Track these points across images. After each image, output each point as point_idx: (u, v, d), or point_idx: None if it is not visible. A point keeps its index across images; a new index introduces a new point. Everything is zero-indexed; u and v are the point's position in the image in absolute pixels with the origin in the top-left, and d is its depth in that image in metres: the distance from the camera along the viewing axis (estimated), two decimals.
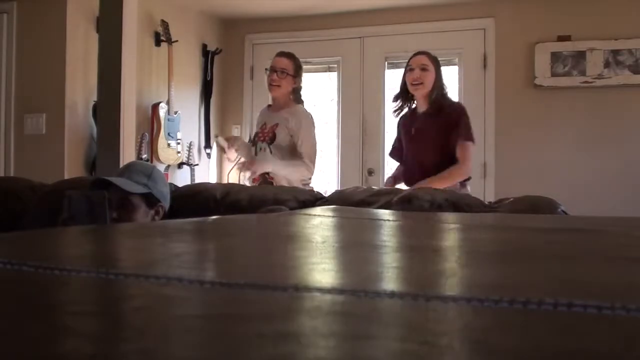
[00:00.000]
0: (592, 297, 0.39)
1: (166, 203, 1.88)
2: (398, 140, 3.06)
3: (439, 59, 2.96)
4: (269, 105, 3.24)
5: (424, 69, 2.81)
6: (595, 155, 4.11)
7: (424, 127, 2.82)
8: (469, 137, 2.80)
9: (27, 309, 0.35)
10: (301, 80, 3.13)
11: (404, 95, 2.92)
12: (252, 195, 1.97)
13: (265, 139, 3.05)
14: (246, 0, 4.47)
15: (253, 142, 3.15)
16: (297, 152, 2.99)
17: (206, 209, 1.91)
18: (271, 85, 3.07)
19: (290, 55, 3.11)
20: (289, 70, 3.05)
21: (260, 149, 3.06)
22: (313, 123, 3.09)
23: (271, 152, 3.02)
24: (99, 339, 0.30)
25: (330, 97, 4.97)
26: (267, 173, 3.01)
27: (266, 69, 3.16)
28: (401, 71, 3.02)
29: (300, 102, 3.15)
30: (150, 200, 1.81)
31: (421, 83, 2.81)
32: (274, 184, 2.97)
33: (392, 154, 3.14)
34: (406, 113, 2.98)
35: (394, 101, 2.99)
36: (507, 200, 1.87)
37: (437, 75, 2.85)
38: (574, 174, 4.12)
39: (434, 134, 2.79)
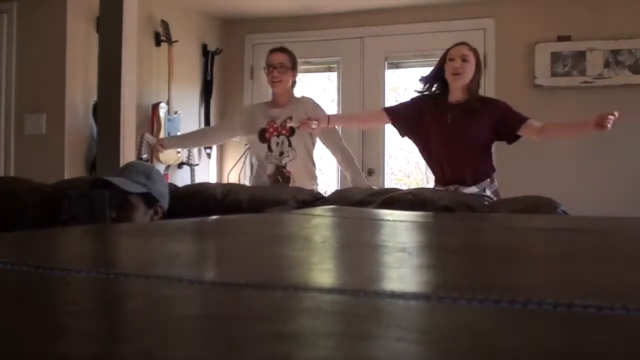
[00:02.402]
0: (592, 297, 0.39)
1: (165, 203, 1.88)
2: (405, 111, 2.95)
3: (439, 59, 2.94)
4: (266, 102, 3.28)
5: (464, 60, 2.78)
6: (595, 155, 4.11)
7: (464, 120, 2.78)
8: (523, 116, 2.85)
9: (27, 309, 0.35)
10: (297, 72, 3.21)
11: (437, 82, 2.86)
12: (252, 195, 1.97)
13: (281, 133, 3.10)
14: (246, 0, 4.47)
15: (261, 138, 3.15)
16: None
17: (206, 209, 1.91)
18: (273, 82, 3.11)
19: (284, 50, 3.18)
20: (287, 64, 3.11)
21: (277, 143, 3.10)
22: (321, 107, 3.23)
23: (290, 144, 3.09)
24: (99, 339, 0.30)
25: (330, 97, 4.97)
26: (284, 167, 3.06)
27: (264, 68, 3.19)
28: (401, 71, 3.01)
29: None
30: (149, 200, 1.81)
31: (460, 74, 2.77)
32: (291, 177, 3.03)
33: (391, 113, 2.99)
34: (430, 97, 2.90)
35: (422, 83, 2.91)
36: (507, 201, 1.87)
37: (477, 66, 2.82)
38: (573, 174, 4.12)
39: (477, 129, 2.78)
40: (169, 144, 3.66)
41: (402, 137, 3.03)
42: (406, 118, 2.94)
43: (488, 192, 2.76)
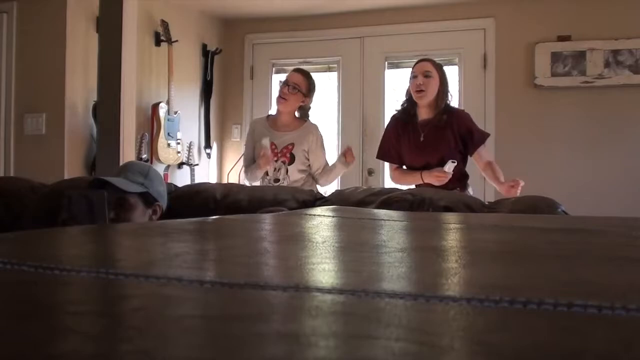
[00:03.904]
0: (592, 297, 0.39)
1: (163, 202, 1.88)
2: (390, 143, 2.97)
3: (439, 59, 2.94)
4: (269, 117, 3.21)
5: (427, 76, 2.75)
6: (595, 155, 4.11)
7: (434, 136, 2.78)
8: (486, 136, 2.88)
9: (27, 309, 0.35)
10: (311, 100, 3.11)
11: (410, 102, 2.86)
12: (252, 195, 1.97)
13: (280, 158, 3.04)
14: (246, 0, 4.47)
15: None
16: (312, 168, 3.08)
17: (206, 209, 1.91)
18: (280, 98, 3.05)
19: (305, 73, 3.10)
20: (301, 87, 3.03)
21: (275, 169, 3.05)
22: (323, 139, 3.14)
23: (287, 172, 3.03)
24: (99, 339, 0.30)
25: (330, 97, 4.96)
26: (266, 173, 3.03)
27: (280, 81, 3.13)
28: (401, 71, 3.01)
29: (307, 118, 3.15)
30: (148, 199, 1.82)
31: (424, 91, 2.74)
32: None
33: (388, 157, 3.01)
34: (403, 117, 2.90)
35: (401, 107, 2.93)
36: (507, 201, 1.87)
37: (442, 81, 2.78)
38: (574, 174, 4.12)
39: (446, 144, 2.77)
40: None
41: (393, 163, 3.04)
42: (395, 150, 2.95)
43: None
